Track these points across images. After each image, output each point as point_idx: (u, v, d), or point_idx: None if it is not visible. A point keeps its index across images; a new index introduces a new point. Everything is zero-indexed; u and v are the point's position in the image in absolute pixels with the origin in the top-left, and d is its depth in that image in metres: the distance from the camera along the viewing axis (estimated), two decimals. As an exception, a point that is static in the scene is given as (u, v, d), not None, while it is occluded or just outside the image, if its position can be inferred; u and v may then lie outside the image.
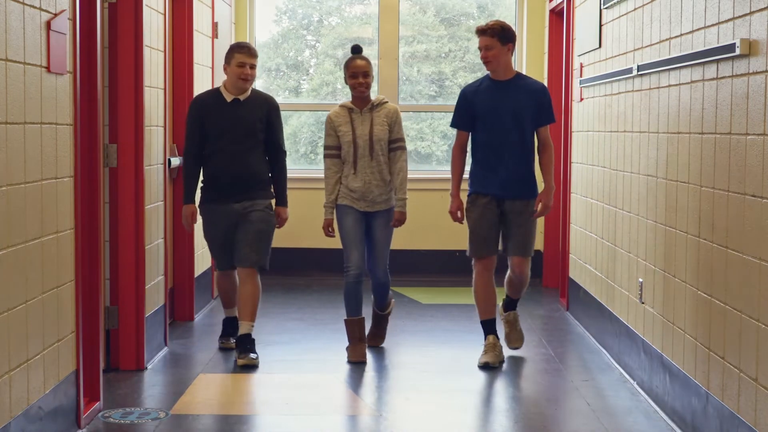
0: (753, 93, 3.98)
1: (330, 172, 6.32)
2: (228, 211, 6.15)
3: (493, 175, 6.11)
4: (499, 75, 6.13)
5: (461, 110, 6.22)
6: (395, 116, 6.31)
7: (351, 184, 6.26)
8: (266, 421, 5.13)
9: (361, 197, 6.26)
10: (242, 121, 6.11)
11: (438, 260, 9.25)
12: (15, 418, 4.05)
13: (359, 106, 6.29)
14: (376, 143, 6.24)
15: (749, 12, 4.02)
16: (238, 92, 6.14)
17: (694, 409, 4.65)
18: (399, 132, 6.33)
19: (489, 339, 6.20)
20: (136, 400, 5.35)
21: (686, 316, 4.82)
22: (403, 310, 7.75)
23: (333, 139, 6.31)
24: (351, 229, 6.24)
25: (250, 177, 6.14)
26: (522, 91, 6.11)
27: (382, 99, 6.35)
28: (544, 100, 6.15)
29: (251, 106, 6.14)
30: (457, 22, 9.87)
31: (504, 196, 6.12)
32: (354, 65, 6.23)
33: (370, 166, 6.24)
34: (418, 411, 5.27)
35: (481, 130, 6.16)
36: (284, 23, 9.98)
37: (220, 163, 6.13)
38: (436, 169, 9.59)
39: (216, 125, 6.12)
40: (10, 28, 3.95)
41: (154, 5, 6.21)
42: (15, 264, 4.06)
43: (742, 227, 4.09)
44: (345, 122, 6.27)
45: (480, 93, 6.16)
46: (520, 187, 6.14)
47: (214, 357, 6.34)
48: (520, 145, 6.10)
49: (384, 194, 6.29)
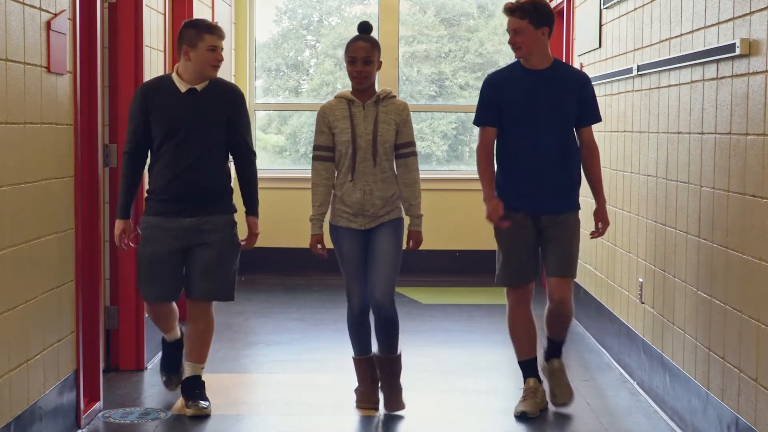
0: (753, 93, 3.98)
1: (320, 178, 5.07)
2: (177, 227, 4.95)
3: (525, 186, 5.05)
4: (532, 63, 5.03)
5: (486, 103, 5.09)
6: (405, 115, 5.09)
7: (347, 197, 5.03)
8: (266, 421, 5.13)
9: (359, 212, 5.03)
10: (200, 116, 4.94)
11: (438, 260, 9.24)
12: (15, 418, 4.05)
13: (361, 99, 5.06)
14: (380, 145, 5.01)
15: (749, 12, 4.02)
16: (196, 81, 4.97)
17: (694, 409, 4.65)
18: (409, 134, 5.10)
19: (529, 383, 5.18)
20: (136, 400, 5.35)
21: (686, 316, 4.82)
22: (403, 310, 7.72)
23: (326, 137, 5.06)
24: (350, 257, 5.08)
25: (207, 185, 4.98)
26: (562, 83, 5.04)
27: (390, 92, 5.13)
28: (588, 93, 5.11)
29: (211, 98, 4.98)
30: (457, 22, 9.87)
31: (540, 212, 5.06)
32: (354, 47, 5.03)
33: (372, 174, 5.01)
34: (418, 411, 5.27)
35: (509, 130, 5.06)
36: (284, 23, 9.98)
37: (169, 167, 4.93)
38: (436, 169, 9.59)
39: (167, 120, 4.93)
40: (10, 28, 3.95)
41: (154, 5, 6.20)
42: (15, 264, 4.06)
43: (742, 227, 4.09)
44: (343, 117, 5.03)
45: (509, 83, 5.07)
46: (560, 199, 5.09)
47: (214, 357, 6.33)
48: (560, 148, 5.03)
49: (387, 206, 5.06)
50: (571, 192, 5.13)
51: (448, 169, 9.67)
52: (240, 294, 8.64)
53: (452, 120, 9.80)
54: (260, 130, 9.73)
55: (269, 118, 9.97)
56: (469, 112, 9.70)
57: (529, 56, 4.99)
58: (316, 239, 5.10)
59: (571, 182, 5.11)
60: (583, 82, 5.11)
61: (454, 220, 9.13)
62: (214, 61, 4.94)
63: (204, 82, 4.97)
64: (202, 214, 4.98)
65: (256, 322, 7.44)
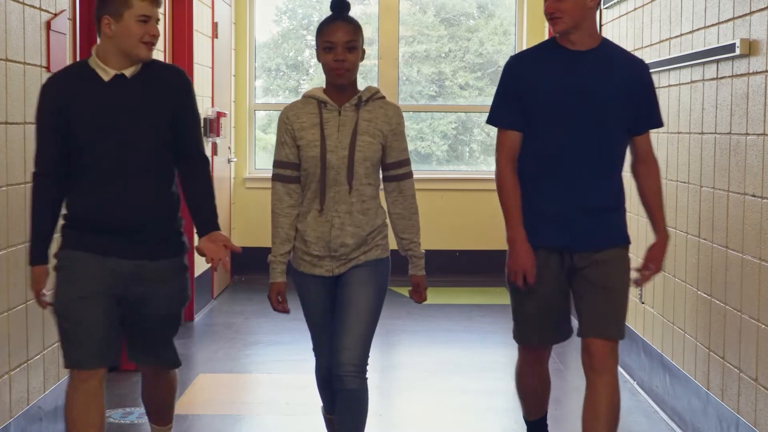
0: (753, 93, 3.98)
1: (281, 205, 3.76)
2: (110, 268, 3.53)
3: (556, 211, 3.67)
4: (574, 41, 3.65)
5: (508, 95, 3.71)
6: (396, 123, 3.75)
7: (309, 231, 3.72)
8: (266, 421, 5.13)
9: (325, 253, 3.73)
10: (133, 111, 3.53)
11: (438, 260, 9.22)
12: (15, 418, 4.05)
13: (337, 100, 3.73)
14: (359, 164, 3.69)
15: (749, 12, 4.02)
16: (124, 64, 3.54)
17: (694, 409, 4.65)
18: (403, 150, 3.78)
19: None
20: (136, 400, 5.34)
21: (686, 316, 4.82)
22: (403, 310, 7.75)
23: (290, 150, 3.74)
24: (316, 312, 3.89)
25: (148, 211, 3.55)
26: (612, 70, 3.65)
27: (377, 91, 3.78)
28: (647, 87, 3.74)
29: (147, 86, 3.56)
30: (457, 22, 9.87)
31: (575, 247, 3.68)
32: (331, 30, 3.68)
33: (346, 202, 3.70)
34: (418, 411, 5.27)
35: (535, 131, 3.68)
36: (284, 23, 9.98)
37: (93, 186, 3.53)
38: (436, 169, 9.59)
39: (87, 120, 3.51)
40: (10, 28, 3.96)
41: (154, 5, 6.20)
42: (15, 264, 4.06)
43: (742, 227, 4.09)
44: (311, 124, 3.71)
45: (541, 67, 3.70)
46: (602, 229, 3.70)
47: (214, 357, 6.34)
48: (605, 160, 3.68)
49: (364, 246, 3.76)
50: (616, 218, 3.76)
51: (448, 169, 9.67)
52: (240, 294, 8.67)
53: (452, 120, 9.80)
54: (260, 130, 9.73)
55: (269, 118, 9.96)
56: (469, 112, 9.72)
57: (572, 31, 3.62)
58: (276, 290, 3.80)
59: (618, 205, 3.77)
60: (641, 71, 3.73)
61: (454, 220, 9.13)
62: (146, 36, 3.51)
63: (135, 66, 3.56)
64: (143, 257, 3.55)
65: (256, 322, 7.44)
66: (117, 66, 3.52)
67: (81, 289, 3.49)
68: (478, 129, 9.82)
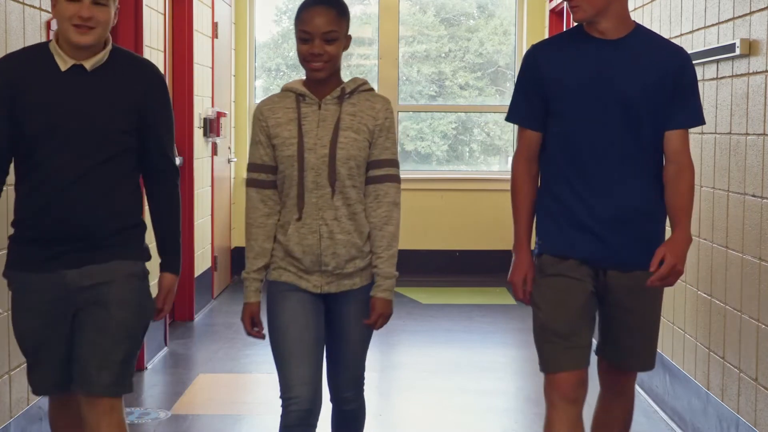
0: (753, 93, 3.98)
1: (255, 214, 3.33)
2: (54, 285, 3.14)
3: (583, 219, 3.30)
4: (602, 29, 3.28)
5: (527, 89, 3.38)
6: (383, 118, 3.30)
7: (293, 245, 3.29)
8: (266, 421, 5.13)
9: (313, 267, 3.29)
10: (90, 107, 3.12)
11: (438, 260, 9.24)
12: (15, 418, 4.05)
13: (318, 93, 3.31)
14: (342, 164, 3.26)
15: (749, 12, 4.02)
16: (81, 55, 3.11)
17: (694, 409, 4.65)
18: (388, 148, 3.32)
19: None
20: (136, 400, 5.35)
21: (686, 316, 4.83)
22: (403, 310, 7.74)
23: (264, 151, 3.31)
24: (294, 329, 3.32)
25: (103, 219, 3.14)
26: (645, 60, 3.28)
27: (363, 83, 3.34)
28: (686, 79, 3.32)
29: (110, 80, 3.15)
30: (457, 22, 9.87)
31: (605, 262, 3.32)
32: (308, 16, 3.23)
33: (331, 207, 3.26)
34: (418, 411, 5.27)
35: (561, 129, 3.33)
36: (284, 23, 9.98)
37: (40, 189, 3.12)
38: (436, 169, 9.59)
39: (37, 113, 3.10)
40: (10, 28, 3.95)
41: (154, 5, 6.20)
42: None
43: (742, 227, 4.09)
44: (288, 120, 3.30)
45: (563, 57, 3.33)
46: (639, 243, 3.31)
47: (214, 357, 6.34)
48: (638, 160, 3.30)
49: (359, 258, 3.31)
50: (654, 230, 3.35)
51: (448, 169, 9.67)
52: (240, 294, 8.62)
53: (452, 120, 9.80)
54: (260, 130, 9.74)
55: (269, 118, 9.97)
56: (469, 112, 9.72)
57: (598, 18, 3.25)
58: (251, 311, 3.40)
59: (654, 210, 3.35)
60: (680, 61, 3.32)
61: (454, 220, 9.13)
62: (75, 19, 3.05)
63: (98, 56, 3.13)
64: (90, 262, 3.14)
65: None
66: (72, 55, 3.11)
67: (27, 318, 3.18)
68: (478, 129, 9.82)
